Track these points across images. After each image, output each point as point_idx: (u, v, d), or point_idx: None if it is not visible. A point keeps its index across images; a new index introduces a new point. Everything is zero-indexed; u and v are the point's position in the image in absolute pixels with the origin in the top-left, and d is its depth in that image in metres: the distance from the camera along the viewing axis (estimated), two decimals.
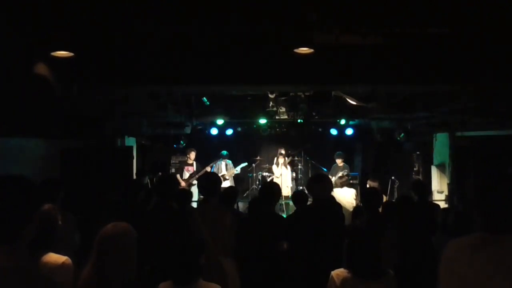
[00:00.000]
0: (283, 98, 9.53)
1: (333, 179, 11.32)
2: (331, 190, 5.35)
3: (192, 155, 11.46)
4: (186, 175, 11.16)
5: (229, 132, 12.67)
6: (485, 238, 2.17)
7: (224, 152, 12.00)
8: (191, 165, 11.45)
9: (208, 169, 11.14)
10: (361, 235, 3.37)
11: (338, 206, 6.41)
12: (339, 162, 11.67)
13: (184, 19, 5.47)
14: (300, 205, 6.08)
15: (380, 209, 5.11)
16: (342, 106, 9.14)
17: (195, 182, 11.04)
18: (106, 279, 2.51)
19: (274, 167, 12.29)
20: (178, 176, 10.58)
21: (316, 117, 10.45)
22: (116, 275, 2.52)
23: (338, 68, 6.50)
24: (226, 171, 11.76)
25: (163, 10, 5.26)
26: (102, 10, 5.11)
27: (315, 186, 4.77)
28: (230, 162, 12.06)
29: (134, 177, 9.44)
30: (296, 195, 6.57)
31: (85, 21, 5.31)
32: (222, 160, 11.94)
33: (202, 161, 11.54)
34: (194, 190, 10.31)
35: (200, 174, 11.04)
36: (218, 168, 11.75)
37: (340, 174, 11.25)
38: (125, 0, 5.12)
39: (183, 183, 10.61)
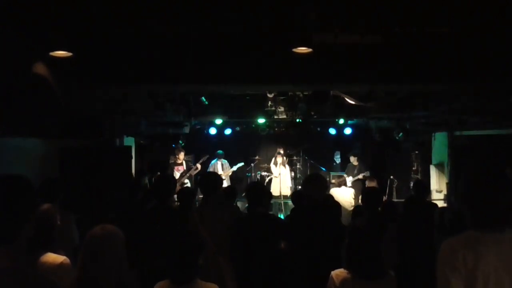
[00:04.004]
0: (281, 97, 9.54)
1: (350, 178, 11.27)
2: (326, 189, 5.34)
3: (181, 155, 11.45)
4: (177, 175, 11.14)
5: (228, 131, 12.66)
6: (476, 236, 2.18)
7: (220, 152, 11.99)
8: (181, 164, 11.43)
9: (198, 166, 11.13)
10: (361, 235, 3.37)
11: (337, 206, 6.41)
12: (353, 160, 11.53)
13: (183, 19, 5.47)
14: (299, 204, 6.08)
15: (380, 209, 5.11)
16: (341, 105, 9.14)
17: (187, 181, 11.05)
18: (95, 281, 2.51)
19: (272, 166, 12.28)
20: None
21: (315, 116, 10.44)
22: (104, 278, 2.52)
23: (337, 67, 6.50)
24: (222, 171, 11.75)
25: (162, 10, 5.25)
26: (101, 10, 5.11)
27: (309, 186, 4.76)
28: (226, 161, 12.05)
29: (133, 177, 9.45)
30: (295, 195, 6.57)
31: (85, 21, 5.31)
32: (218, 159, 11.93)
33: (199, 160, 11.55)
34: None
35: (190, 172, 11.06)
36: (214, 168, 11.73)
37: (360, 176, 11.05)
38: (124, 0, 5.12)
39: None
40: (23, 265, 1.96)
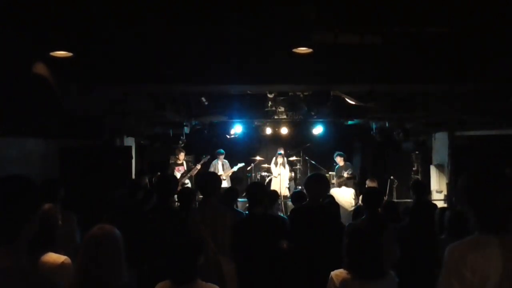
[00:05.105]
0: (282, 97, 9.53)
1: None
2: (329, 189, 5.34)
3: (181, 155, 11.46)
4: (178, 175, 11.15)
5: (228, 132, 12.61)
6: (482, 240, 2.16)
7: (221, 151, 11.97)
8: (181, 165, 11.44)
9: (199, 166, 11.13)
10: (361, 235, 3.37)
11: (335, 206, 6.42)
12: (340, 161, 11.61)
13: (183, 19, 5.47)
14: (298, 204, 6.07)
15: (380, 209, 5.11)
16: (341, 105, 9.13)
17: (187, 181, 11.05)
18: (94, 281, 2.51)
19: (272, 166, 12.28)
20: None
21: (315, 116, 10.43)
22: (104, 278, 2.52)
23: (337, 67, 6.50)
24: (223, 171, 11.75)
25: (163, 10, 5.26)
26: (101, 10, 5.11)
27: (313, 185, 4.77)
28: (226, 162, 12.05)
29: (134, 176, 9.45)
30: (295, 195, 6.57)
31: (85, 21, 5.31)
32: (218, 159, 11.91)
33: (200, 161, 11.56)
34: None
35: (191, 172, 11.06)
36: (215, 168, 11.72)
37: (345, 174, 11.20)
38: (124, 0, 5.12)
39: None
40: (24, 265, 1.96)
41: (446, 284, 2.13)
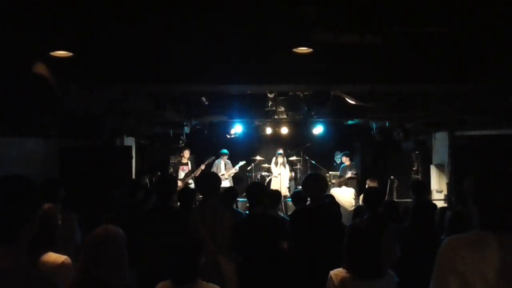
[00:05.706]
0: (282, 97, 9.53)
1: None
2: (326, 189, 5.34)
3: (186, 154, 11.47)
4: (182, 174, 11.15)
5: (228, 132, 12.60)
6: (483, 236, 2.15)
7: (225, 151, 11.96)
8: (186, 164, 11.46)
9: (203, 167, 11.14)
10: (361, 235, 3.37)
11: (336, 206, 6.43)
12: (346, 161, 11.65)
13: (183, 19, 5.47)
14: (299, 204, 6.08)
15: (380, 209, 5.11)
16: (341, 105, 9.13)
17: (191, 181, 11.06)
18: (96, 282, 2.51)
19: (272, 166, 12.28)
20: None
21: (315, 116, 10.43)
22: (105, 278, 2.52)
23: (337, 67, 6.49)
24: (225, 171, 11.75)
25: (163, 10, 5.25)
26: (101, 10, 5.11)
27: (312, 185, 4.77)
28: (229, 161, 12.05)
29: (134, 176, 9.45)
30: (296, 195, 6.57)
31: (85, 21, 5.31)
32: (221, 159, 11.92)
33: (201, 161, 11.54)
34: None
35: (195, 172, 11.06)
36: (217, 168, 11.73)
37: (349, 173, 11.24)
38: (124, 0, 5.12)
39: (179, 183, 10.61)
40: (24, 265, 1.96)
41: (441, 279, 2.14)
